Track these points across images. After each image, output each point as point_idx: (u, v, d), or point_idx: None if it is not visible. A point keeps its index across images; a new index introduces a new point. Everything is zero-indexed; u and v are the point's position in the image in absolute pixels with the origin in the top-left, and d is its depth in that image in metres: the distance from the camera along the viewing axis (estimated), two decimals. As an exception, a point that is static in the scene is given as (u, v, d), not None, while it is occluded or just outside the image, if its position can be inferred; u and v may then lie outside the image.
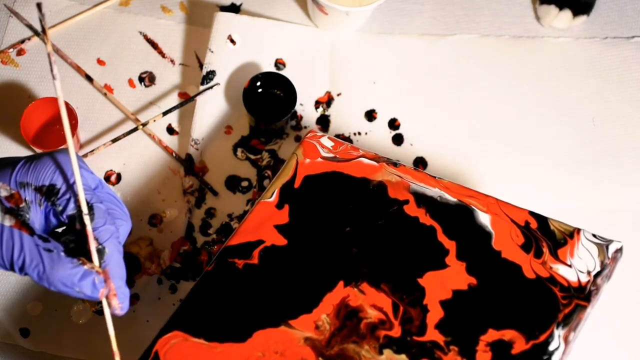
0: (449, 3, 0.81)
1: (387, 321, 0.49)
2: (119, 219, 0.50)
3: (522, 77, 0.78)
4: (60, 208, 0.48)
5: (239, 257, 0.55)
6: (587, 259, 0.49)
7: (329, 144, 0.60)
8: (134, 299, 0.69)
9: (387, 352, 0.48)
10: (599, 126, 0.77)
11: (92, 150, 0.73)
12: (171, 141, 0.75)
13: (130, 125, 0.75)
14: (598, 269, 0.49)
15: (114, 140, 0.73)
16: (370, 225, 0.55)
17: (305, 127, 0.76)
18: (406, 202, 0.55)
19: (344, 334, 0.49)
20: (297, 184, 0.58)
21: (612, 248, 0.50)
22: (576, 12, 0.79)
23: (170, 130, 0.76)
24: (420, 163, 0.74)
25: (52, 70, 0.44)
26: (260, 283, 0.53)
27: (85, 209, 0.47)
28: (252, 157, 0.74)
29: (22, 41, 0.77)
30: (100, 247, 0.47)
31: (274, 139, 0.75)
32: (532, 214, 0.52)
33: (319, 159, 0.59)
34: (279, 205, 0.57)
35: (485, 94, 0.78)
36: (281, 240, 0.55)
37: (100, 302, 0.68)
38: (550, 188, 0.74)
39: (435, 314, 0.49)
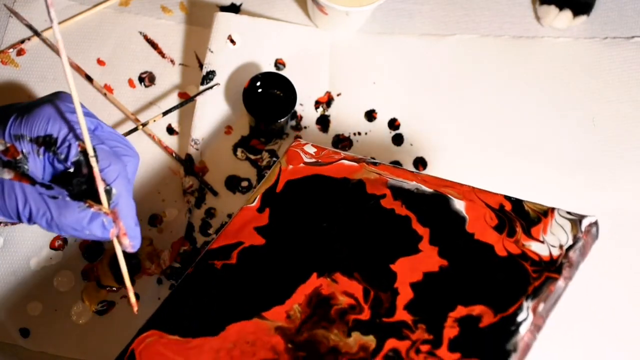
0: (449, 3, 0.81)
1: (357, 306, 0.50)
2: (125, 155, 0.50)
3: (522, 77, 0.79)
4: (62, 156, 0.47)
5: (218, 258, 0.56)
6: (560, 235, 0.49)
7: (311, 150, 0.61)
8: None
9: (356, 334, 0.48)
10: (599, 126, 0.77)
11: (92, 150, 0.73)
12: (171, 141, 0.75)
13: (130, 125, 0.75)
14: (570, 242, 0.48)
15: (114, 140, 0.73)
16: (346, 219, 0.56)
17: (305, 127, 0.76)
18: (383, 196, 0.56)
19: (314, 321, 0.50)
20: (278, 189, 0.59)
21: (585, 222, 0.49)
22: (576, 12, 0.79)
23: (170, 130, 0.76)
24: (420, 163, 0.74)
25: (49, 14, 0.43)
26: (237, 281, 0.54)
27: (91, 152, 0.47)
28: (252, 157, 0.74)
29: (22, 41, 0.77)
30: (108, 188, 0.47)
31: (274, 139, 0.75)
32: (507, 197, 0.53)
33: (302, 165, 0.60)
34: (260, 209, 0.58)
35: (485, 94, 0.78)
36: (260, 240, 0.56)
37: (103, 301, 0.68)
38: (550, 188, 0.74)
39: (405, 296, 0.49)
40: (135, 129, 0.73)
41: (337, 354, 0.47)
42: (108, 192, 0.47)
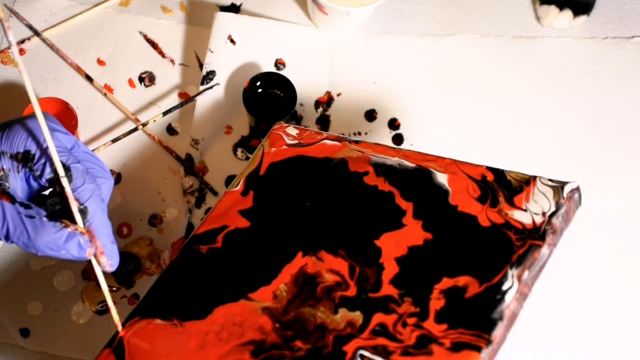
0: (449, 3, 0.81)
1: (344, 283, 0.50)
2: (100, 177, 0.50)
3: (522, 77, 0.79)
4: (38, 173, 0.47)
5: (204, 243, 0.56)
6: (543, 202, 0.49)
7: (294, 132, 0.61)
8: (134, 298, 0.69)
9: (342, 310, 0.48)
10: (599, 126, 0.77)
11: (92, 150, 0.73)
12: (171, 141, 0.75)
13: (130, 125, 0.75)
14: (553, 209, 0.49)
15: (114, 140, 0.73)
16: (330, 198, 0.56)
17: (306, 127, 0.76)
18: (366, 173, 0.56)
19: (300, 300, 0.50)
20: (262, 172, 0.59)
21: (567, 188, 0.50)
22: (576, 12, 0.79)
23: (170, 130, 0.76)
24: (420, 163, 0.75)
25: (7, 37, 0.43)
26: (222, 264, 0.54)
27: (61, 172, 0.46)
28: (251, 157, 0.74)
29: (22, 41, 0.77)
30: (82, 207, 0.47)
31: (274, 139, 0.75)
32: (488, 168, 0.53)
33: (284, 147, 0.60)
34: (244, 193, 0.58)
35: (485, 94, 0.78)
36: (244, 223, 0.56)
37: (103, 301, 0.68)
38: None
39: (390, 271, 0.49)
40: (135, 129, 0.73)
41: (325, 331, 0.48)
42: (82, 212, 0.47)
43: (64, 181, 0.46)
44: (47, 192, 0.49)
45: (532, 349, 0.69)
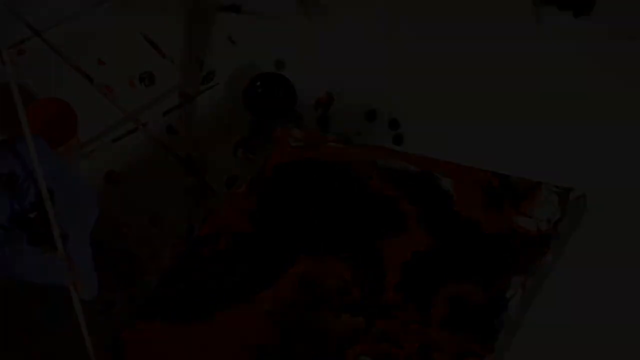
0: (450, 3, 0.81)
1: (346, 287, 0.50)
2: (86, 204, 0.49)
3: (522, 77, 0.78)
4: (21, 196, 0.47)
5: (207, 245, 0.56)
6: (548, 208, 0.49)
7: (298, 134, 0.62)
8: (133, 298, 0.69)
9: (345, 315, 0.49)
10: (599, 126, 0.77)
11: (92, 150, 0.73)
12: (171, 141, 0.75)
13: (130, 125, 0.75)
14: (558, 216, 0.48)
15: (114, 140, 0.73)
16: (334, 201, 0.56)
17: (308, 129, 0.76)
18: (370, 177, 0.56)
19: (303, 304, 0.50)
20: (266, 174, 0.60)
21: (572, 195, 0.49)
22: (577, 12, 0.79)
23: (170, 130, 0.76)
24: (420, 163, 0.75)
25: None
26: (225, 266, 0.54)
27: (45, 196, 0.46)
28: (252, 157, 0.74)
29: (22, 41, 0.77)
30: (63, 233, 0.47)
31: (274, 139, 0.75)
32: (494, 173, 0.53)
33: (289, 149, 0.61)
34: (248, 195, 0.59)
35: (486, 94, 0.78)
36: (248, 225, 0.56)
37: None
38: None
39: (394, 276, 0.50)
40: (135, 129, 0.73)
41: (327, 336, 0.48)
42: (63, 237, 0.47)
43: (48, 205, 0.46)
44: (32, 215, 0.48)
45: (534, 352, 0.69)
